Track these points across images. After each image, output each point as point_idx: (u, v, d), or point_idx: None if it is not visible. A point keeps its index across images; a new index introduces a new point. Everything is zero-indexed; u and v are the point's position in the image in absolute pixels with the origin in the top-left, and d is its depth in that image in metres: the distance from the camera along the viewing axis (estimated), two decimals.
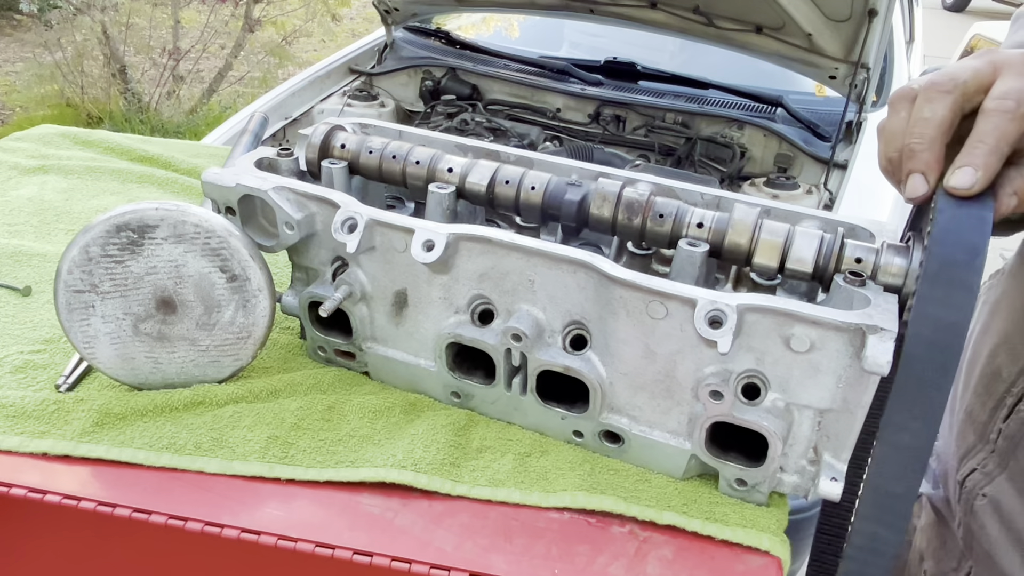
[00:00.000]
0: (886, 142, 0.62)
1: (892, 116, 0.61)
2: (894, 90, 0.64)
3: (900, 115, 0.60)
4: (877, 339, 0.56)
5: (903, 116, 0.60)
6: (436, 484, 0.70)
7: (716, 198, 0.76)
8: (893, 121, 0.61)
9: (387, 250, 0.73)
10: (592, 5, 2.40)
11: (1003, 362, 0.81)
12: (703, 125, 2.43)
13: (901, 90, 0.61)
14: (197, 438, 0.72)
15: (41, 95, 4.75)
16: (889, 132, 0.61)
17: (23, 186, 1.16)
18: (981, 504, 0.81)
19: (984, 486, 0.81)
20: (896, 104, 0.61)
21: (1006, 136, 0.56)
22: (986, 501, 0.81)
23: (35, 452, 0.70)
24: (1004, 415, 0.79)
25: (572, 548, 0.65)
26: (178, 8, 4.88)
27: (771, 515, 0.68)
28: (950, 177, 0.56)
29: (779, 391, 0.64)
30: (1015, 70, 0.57)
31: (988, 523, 0.80)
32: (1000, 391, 0.80)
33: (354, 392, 0.81)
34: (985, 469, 0.81)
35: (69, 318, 0.74)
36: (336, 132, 0.84)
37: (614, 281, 0.64)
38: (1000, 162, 0.56)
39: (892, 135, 0.61)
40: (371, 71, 2.75)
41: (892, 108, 0.61)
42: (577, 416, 0.72)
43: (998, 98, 0.56)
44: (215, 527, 0.65)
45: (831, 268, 0.65)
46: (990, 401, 0.82)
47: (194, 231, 0.72)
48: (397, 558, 0.63)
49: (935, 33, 5.61)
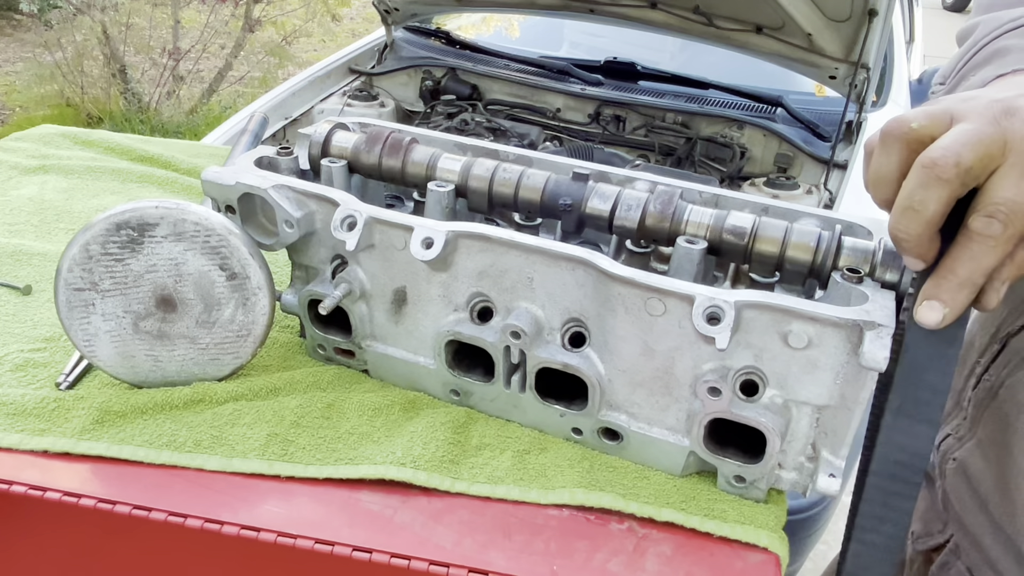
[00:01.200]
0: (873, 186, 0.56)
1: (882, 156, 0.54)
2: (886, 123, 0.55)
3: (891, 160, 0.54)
4: (874, 335, 0.57)
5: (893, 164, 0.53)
6: (435, 481, 0.70)
7: (715, 196, 0.76)
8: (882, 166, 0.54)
9: (386, 248, 0.74)
10: (592, 5, 2.41)
11: (976, 331, 0.84)
12: (703, 125, 2.43)
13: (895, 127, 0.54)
14: (197, 436, 0.72)
15: (41, 95, 4.76)
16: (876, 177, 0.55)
17: (23, 186, 1.17)
18: (951, 467, 0.84)
19: (956, 451, 0.84)
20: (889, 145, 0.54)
21: (982, 268, 0.51)
22: (956, 464, 0.83)
23: (35, 449, 0.71)
24: (973, 383, 0.82)
25: (571, 545, 0.66)
26: (178, 8, 4.88)
27: (770, 512, 0.69)
28: (918, 308, 0.54)
29: (777, 387, 0.64)
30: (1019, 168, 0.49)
31: (958, 486, 0.83)
32: (972, 360, 0.83)
33: (353, 390, 0.81)
34: (957, 435, 0.84)
35: (69, 316, 0.75)
36: (336, 131, 0.84)
37: (613, 278, 0.64)
38: (971, 296, 0.52)
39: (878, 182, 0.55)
40: (371, 71, 2.75)
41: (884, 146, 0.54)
42: (576, 413, 0.72)
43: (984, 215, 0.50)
44: (215, 524, 0.65)
45: (829, 265, 0.66)
46: (964, 369, 0.85)
47: (194, 229, 0.72)
48: (396, 555, 0.63)
49: (935, 33, 5.61)
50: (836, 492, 0.64)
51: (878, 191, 0.56)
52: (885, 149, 0.54)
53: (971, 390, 0.82)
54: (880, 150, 0.55)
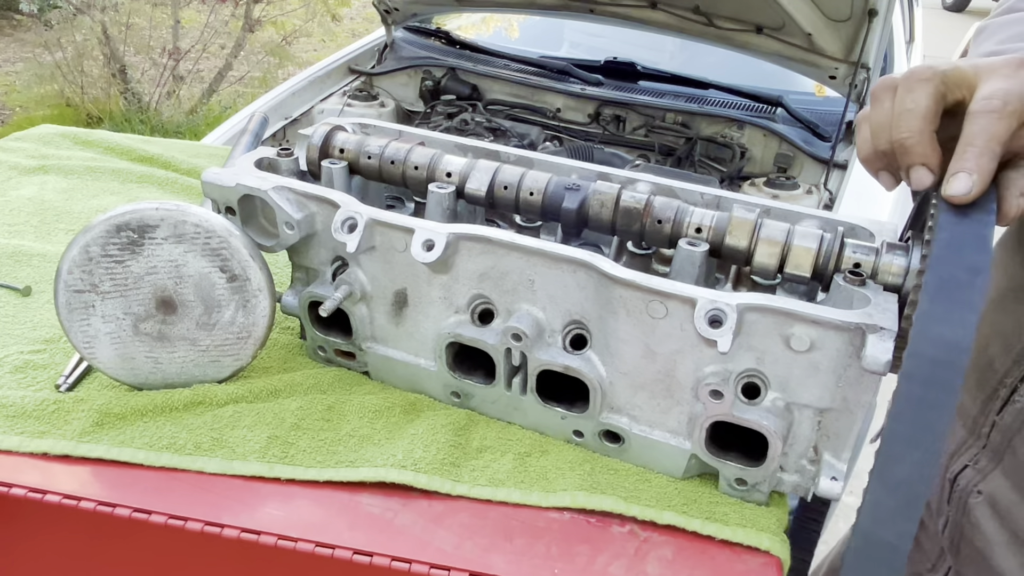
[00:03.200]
0: (873, 134, 0.61)
1: (876, 107, 0.61)
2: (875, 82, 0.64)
3: (884, 106, 0.60)
4: (877, 338, 0.56)
5: (887, 107, 0.60)
6: (436, 484, 0.70)
7: (716, 198, 0.76)
8: (877, 112, 0.61)
9: (387, 250, 0.73)
10: (592, 5, 2.40)
11: (996, 352, 0.79)
12: (703, 125, 2.43)
13: (883, 81, 0.61)
14: (197, 438, 0.72)
15: (41, 95, 4.75)
16: (875, 124, 0.61)
17: (23, 186, 1.16)
18: (976, 502, 0.80)
19: (978, 483, 0.80)
20: (879, 94, 0.61)
21: (995, 136, 0.55)
22: (981, 498, 0.80)
23: (35, 452, 0.70)
24: (998, 407, 0.78)
25: (572, 548, 0.65)
26: (178, 8, 4.88)
27: (771, 515, 0.68)
28: (947, 186, 0.56)
29: (779, 390, 0.64)
30: (997, 74, 0.57)
31: (983, 521, 0.79)
32: (993, 383, 0.79)
33: (354, 392, 0.81)
34: (978, 465, 0.80)
35: (69, 318, 0.74)
36: (336, 133, 0.84)
37: (614, 281, 0.64)
38: (994, 162, 0.56)
39: (879, 127, 0.61)
40: (371, 71, 2.75)
41: (875, 99, 0.61)
42: (577, 416, 0.72)
43: (983, 99, 0.56)
44: (215, 527, 0.65)
45: (831, 267, 0.65)
46: (981, 394, 0.80)
47: (194, 231, 0.72)
48: (397, 558, 0.63)
49: (935, 33, 5.61)
50: (838, 495, 0.64)
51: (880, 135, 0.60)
52: (878, 99, 0.61)
53: (994, 415, 0.78)
54: (875, 102, 0.61)
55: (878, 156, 0.61)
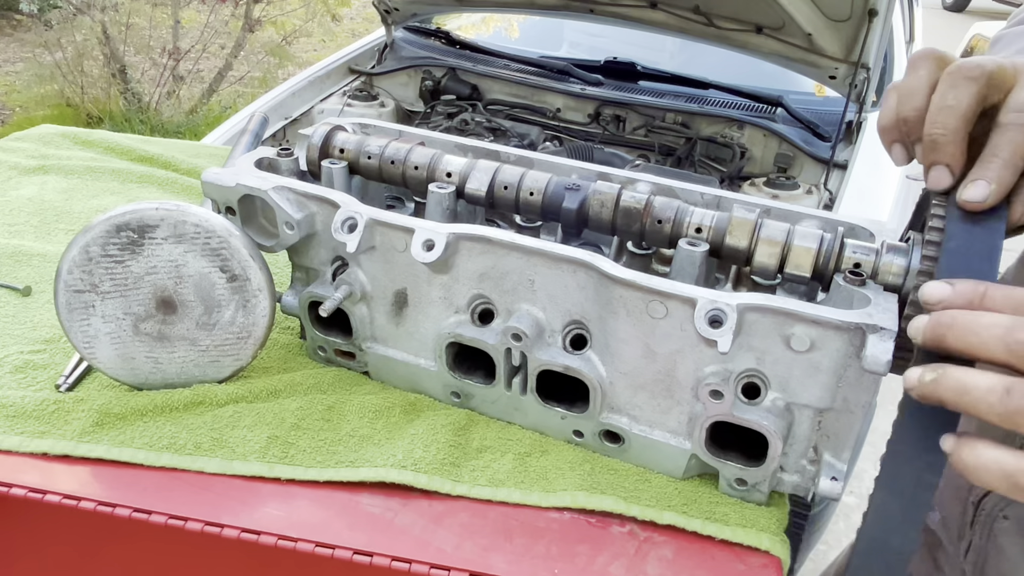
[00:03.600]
0: (901, 101, 0.60)
1: (911, 74, 0.60)
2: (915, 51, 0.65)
3: (920, 74, 0.59)
4: (877, 338, 0.56)
5: (923, 76, 0.59)
6: (436, 484, 0.70)
7: (716, 198, 0.76)
8: (912, 80, 0.59)
9: (387, 250, 0.73)
10: (592, 5, 2.40)
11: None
12: (703, 125, 2.43)
13: (925, 51, 0.60)
14: (197, 438, 0.72)
15: (41, 95, 4.75)
16: (906, 91, 0.60)
17: (23, 186, 1.16)
18: (1003, 526, 0.78)
19: (1005, 507, 0.78)
20: (918, 64, 0.59)
21: (1021, 150, 0.55)
22: (1008, 523, 0.78)
23: (35, 452, 0.70)
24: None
25: (572, 548, 0.65)
26: (178, 8, 4.88)
27: (771, 515, 0.68)
28: (963, 190, 0.56)
29: (779, 390, 0.64)
30: None
31: (1008, 547, 0.78)
32: None
33: (354, 392, 0.81)
34: None
35: (69, 318, 0.74)
36: (336, 132, 0.84)
37: (614, 281, 0.64)
38: (1015, 176, 0.55)
39: (909, 94, 0.59)
40: (371, 71, 2.75)
41: (913, 67, 0.60)
42: (577, 416, 0.72)
43: (1015, 111, 0.55)
44: (215, 527, 0.65)
45: (831, 267, 0.65)
46: None
47: (194, 231, 0.72)
48: (397, 558, 0.63)
49: (935, 33, 5.61)
50: (838, 495, 0.64)
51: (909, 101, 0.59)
52: (915, 67, 0.60)
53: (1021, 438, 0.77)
54: (911, 69, 0.60)
55: (898, 124, 0.60)
